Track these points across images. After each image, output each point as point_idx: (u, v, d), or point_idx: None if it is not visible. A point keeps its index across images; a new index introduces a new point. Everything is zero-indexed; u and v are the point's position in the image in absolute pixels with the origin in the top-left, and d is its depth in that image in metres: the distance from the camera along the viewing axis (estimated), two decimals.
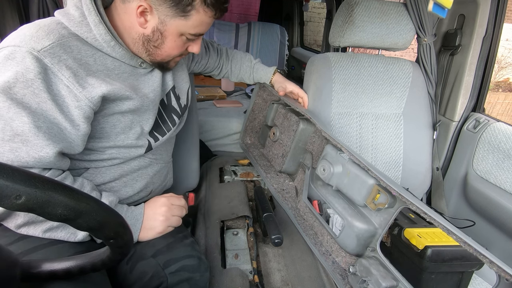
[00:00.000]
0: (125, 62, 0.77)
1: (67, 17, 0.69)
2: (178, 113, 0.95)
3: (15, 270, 0.45)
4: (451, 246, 0.85)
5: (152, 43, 0.74)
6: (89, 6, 0.68)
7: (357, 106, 1.27)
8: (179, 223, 0.85)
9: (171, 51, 0.77)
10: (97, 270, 0.55)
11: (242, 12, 4.08)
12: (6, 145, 0.62)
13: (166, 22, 0.71)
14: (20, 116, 0.61)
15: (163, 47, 0.75)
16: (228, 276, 0.88)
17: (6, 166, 0.33)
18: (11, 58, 0.61)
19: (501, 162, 1.14)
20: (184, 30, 0.73)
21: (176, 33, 0.73)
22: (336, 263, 0.91)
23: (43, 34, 0.64)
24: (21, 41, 0.62)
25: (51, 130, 0.65)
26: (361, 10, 1.20)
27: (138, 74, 0.81)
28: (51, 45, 0.63)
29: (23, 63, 0.61)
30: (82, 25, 0.69)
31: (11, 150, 0.62)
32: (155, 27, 0.72)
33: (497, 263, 0.56)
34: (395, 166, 1.32)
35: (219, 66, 1.22)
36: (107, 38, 0.70)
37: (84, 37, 0.69)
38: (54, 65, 0.63)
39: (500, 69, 6.36)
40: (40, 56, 0.62)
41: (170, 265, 0.74)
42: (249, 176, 1.41)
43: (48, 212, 0.36)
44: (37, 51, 0.62)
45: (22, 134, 0.62)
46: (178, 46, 0.77)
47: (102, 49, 0.72)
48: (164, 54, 0.77)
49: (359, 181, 0.86)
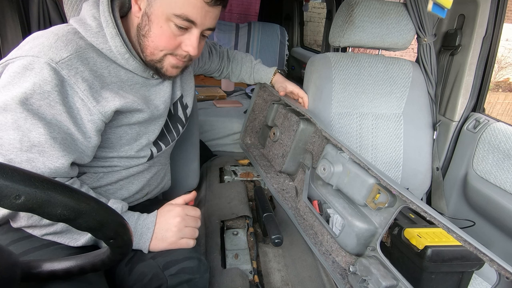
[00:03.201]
0: (138, 74, 0.77)
1: (84, 27, 0.69)
2: (183, 122, 0.96)
3: (15, 270, 0.45)
4: (451, 246, 0.85)
5: (141, 32, 0.71)
6: (107, 18, 0.69)
7: (357, 106, 1.27)
8: (194, 235, 0.79)
9: (158, 41, 0.71)
10: (97, 270, 0.54)
11: (242, 12, 4.08)
12: (24, 155, 0.62)
13: (152, 2, 0.68)
14: (37, 127, 0.62)
15: (150, 35, 0.71)
16: (228, 276, 0.87)
17: (6, 166, 0.33)
18: (30, 68, 0.61)
19: (501, 162, 1.14)
20: (169, 11, 0.67)
21: (161, 15, 0.68)
22: (336, 263, 0.91)
23: (61, 45, 0.64)
24: (39, 51, 0.62)
25: (65, 141, 0.66)
26: (361, 10, 1.20)
27: (150, 85, 0.81)
28: (69, 56, 0.64)
29: (41, 74, 0.61)
30: (99, 36, 0.69)
31: (28, 161, 0.63)
32: (144, 11, 0.70)
33: (497, 261, 0.56)
34: (395, 166, 1.32)
35: (221, 68, 1.23)
36: (122, 50, 0.71)
37: (100, 47, 0.70)
38: (71, 78, 0.64)
39: (500, 69, 6.36)
40: (58, 68, 0.62)
41: (170, 267, 0.74)
42: (249, 176, 1.41)
43: (47, 212, 0.36)
44: (55, 62, 0.62)
45: (39, 145, 0.63)
46: (165, 35, 0.70)
47: (116, 60, 0.72)
48: (151, 44, 0.71)
49: (359, 180, 0.86)
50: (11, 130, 0.61)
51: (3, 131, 0.61)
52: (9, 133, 0.61)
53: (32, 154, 0.63)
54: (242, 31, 2.84)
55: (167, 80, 0.85)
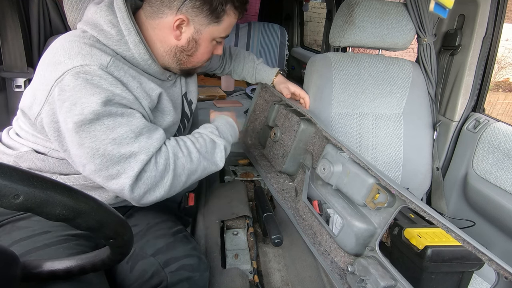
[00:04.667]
0: (156, 77, 0.79)
1: (104, 35, 0.69)
2: (188, 117, 0.98)
3: (15, 270, 0.45)
4: (451, 246, 0.85)
5: (185, 53, 0.77)
6: (128, 26, 0.69)
7: (357, 106, 1.27)
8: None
9: (202, 57, 0.81)
10: (98, 270, 0.54)
11: None
12: (142, 139, 0.69)
13: (201, 30, 0.74)
14: (133, 116, 0.68)
15: (196, 54, 0.79)
16: (228, 276, 0.87)
17: (4, 165, 0.33)
18: (89, 77, 0.62)
19: (501, 162, 1.14)
20: (216, 35, 0.77)
21: (209, 39, 0.77)
22: (334, 263, 0.91)
23: (98, 52, 0.65)
24: (83, 60, 0.63)
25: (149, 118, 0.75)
26: (361, 10, 1.20)
27: (166, 87, 0.84)
28: (112, 59, 0.66)
29: (104, 80, 0.63)
30: (121, 43, 0.70)
31: (147, 140, 0.69)
32: (191, 37, 0.75)
33: (496, 261, 0.56)
34: (395, 166, 1.32)
35: (222, 65, 1.23)
36: (145, 57, 0.73)
37: (123, 55, 0.71)
38: (123, 78, 0.67)
39: (500, 69, 6.35)
40: (110, 71, 0.65)
41: (170, 264, 0.74)
42: (249, 176, 1.41)
43: (46, 211, 0.36)
44: (105, 67, 0.64)
45: (145, 126, 0.70)
46: (208, 51, 0.81)
47: (138, 66, 0.74)
48: (196, 60, 0.81)
49: (359, 180, 0.86)
50: (117, 128, 0.65)
51: (111, 133, 0.65)
52: (117, 131, 0.65)
53: (145, 134, 0.69)
54: (242, 31, 2.84)
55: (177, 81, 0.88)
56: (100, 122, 0.63)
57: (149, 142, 0.69)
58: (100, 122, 0.63)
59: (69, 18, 0.91)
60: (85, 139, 0.64)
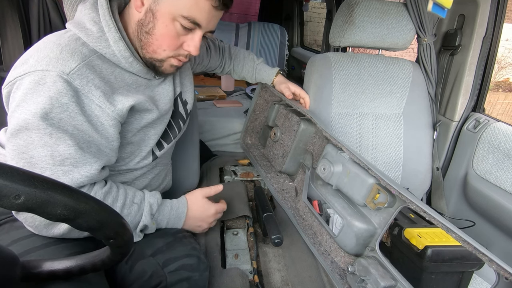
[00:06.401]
0: (141, 76, 0.77)
1: (85, 32, 0.68)
2: (183, 118, 0.95)
3: (15, 270, 0.45)
4: (451, 246, 0.85)
5: (144, 28, 0.70)
6: (108, 22, 0.68)
7: (357, 106, 1.27)
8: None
9: (162, 40, 0.71)
10: (98, 270, 0.55)
11: (242, 12, 4.07)
12: (59, 169, 0.64)
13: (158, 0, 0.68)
14: (64, 140, 0.63)
15: (154, 33, 0.70)
16: (228, 276, 0.87)
17: (5, 165, 0.33)
18: (42, 83, 0.61)
19: (501, 162, 1.14)
20: (176, 11, 0.67)
21: (168, 14, 0.68)
22: (334, 263, 0.91)
23: (67, 56, 0.63)
24: (47, 65, 0.61)
25: (92, 149, 0.68)
26: (361, 10, 1.20)
27: (153, 86, 0.81)
28: (78, 66, 0.64)
29: (55, 88, 0.61)
30: (101, 40, 0.68)
31: (64, 173, 0.64)
32: (149, 7, 0.68)
33: (496, 261, 0.56)
34: (395, 166, 1.32)
35: (221, 65, 1.22)
36: (126, 54, 0.70)
37: (103, 52, 0.69)
38: (84, 87, 0.64)
39: (500, 69, 6.35)
40: (70, 79, 0.62)
41: (170, 264, 0.74)
42: (249, 176, 1.41)
43: (47, 212, 0.36)
44: (66, 74, 0.62)
45: (70, 157, 0.64)
46: (170, 35, 0.70)
47: (119, 64, 0.72)
48: (155, 43, 0.71)
49: (359, 180, 0.86)
50: (39, 148, 0.62)
51: (32, 149, 0.62)
52: (38, 150, 0.62)
53: (66, 166, 0.64)
54: (242, 31, 2.84)
55: (168, 79, 0.85)
56: (28, 134, 0.61)
57: (61, 178, 0.64)
58: (27, 134, 0.61)
59: (68, 18, 0.91)
60: (10, 143, 0.63)
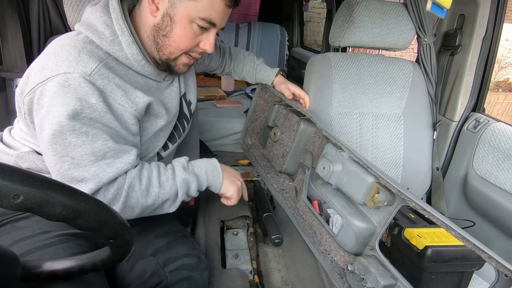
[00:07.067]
0: (152, 78, 0.78)
1: (98, 36, 0.68)
2: (188, 118, 0.96)
3: (15, 270, 0.45)
4: (451, 246, 0.85)
5: (161, 32, 0.72)
6: (122, 26, 0.68)
7: (357, 106, 1.27)
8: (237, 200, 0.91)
9: (180, 41, 0.73)
10: (98, 270, 0.55)
11: (242, 12, 4.07)
12: (103, 163, 0.66)
13: (175, 4, 0.69)
14: (100, 135, 0.65)
15: (172, 36, 0.72)
16: (228, 276, 0.88)
17: (4, 165, 0.33)
18: (67, 85, 0.61)
19: (501, 162, 1.14)
20: (194, 14, 0.69)
21: (186, 17, 0.69)
22: (334, 262, 0.91)
23: (86, 58, 0.64)
24: (69, 67, 0.62)
25: (124, 140, 0.71)
26: (361, 10, 1.20)
27: (162, 88, 0.82)
28: (98, 67, 0.65)
29: (81, 89, 0.62)
30: (114, 44, 0.69)
31: (108, 166, 0.66)
32: (165, 12, 0.70)
33: (496, 258, 0.56)
34: (395, 166, 1.32)
35: (222, 65, 1.23)
36: (138, 57, 0.71)
37: (116, 55, 0.70)
38: (106, 87, 0.66)
39: (500, 69, 6.35)
40: (92, 80, 0.63)
41: (170, 263, 0.75)
42: (249, 176, 1.41)
43: (46, 212, 0.36)
44: (88, 75, 0.63)
45: (110, 150, 0.67)
46: (187, 36, 0.72)
47: (131, 67, 0.73)
48: (173, 44, 0.73)
49: (359, 179, 0.86)
50: (78, 148, 0.63)
51: (71, 151, 0.63)
52: (78, 150, 0.64)
53: (108, 159, 0.66)
54: (242, 31, 2.84)
55: (175, 80, 0.86)
56: (63, 137, 0.62)
57: (106, 170, 0.66)
58: (62, 137, 0.62)
59: (69, 18, 0.91)
60: (49, 149, 0.64)
